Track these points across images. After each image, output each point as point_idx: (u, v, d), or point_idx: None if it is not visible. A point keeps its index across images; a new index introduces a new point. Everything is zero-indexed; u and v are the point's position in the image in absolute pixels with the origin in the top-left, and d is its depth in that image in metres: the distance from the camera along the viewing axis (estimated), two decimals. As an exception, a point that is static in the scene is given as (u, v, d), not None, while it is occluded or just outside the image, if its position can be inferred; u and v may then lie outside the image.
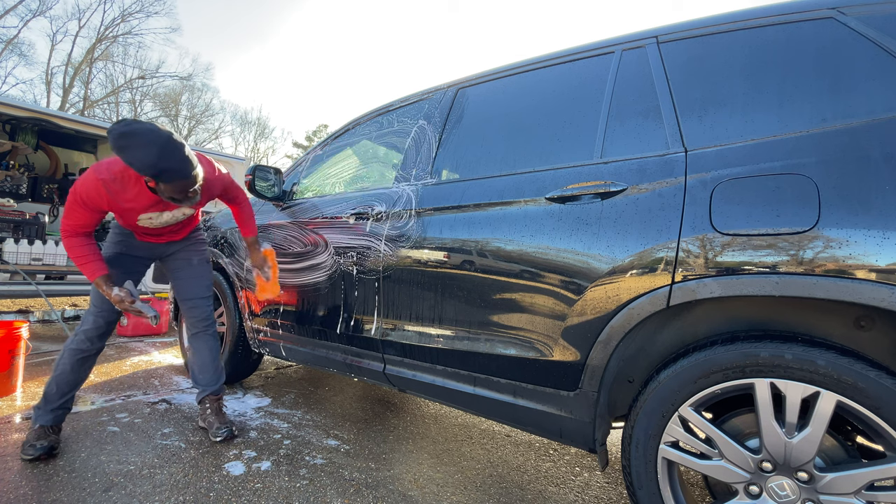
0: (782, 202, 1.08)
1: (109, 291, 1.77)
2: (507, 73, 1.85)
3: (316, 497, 1.64)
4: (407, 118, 2.15)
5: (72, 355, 1.89)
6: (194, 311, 2.16)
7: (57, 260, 4.00)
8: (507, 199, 1.56)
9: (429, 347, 1.73)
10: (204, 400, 2.16)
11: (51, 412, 1.88)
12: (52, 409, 1.88)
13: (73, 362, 1.89)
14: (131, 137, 1.50)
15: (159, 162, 1.52)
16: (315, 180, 2.57)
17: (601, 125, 1.48)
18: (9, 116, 4.26)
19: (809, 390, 1.03)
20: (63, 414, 1.92)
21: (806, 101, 1.15)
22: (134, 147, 1.51)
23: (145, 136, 1.51)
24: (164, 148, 1.53)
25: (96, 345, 1.93)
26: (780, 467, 1.08)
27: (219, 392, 2.17)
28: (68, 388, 1.91)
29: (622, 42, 1.55)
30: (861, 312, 1.11)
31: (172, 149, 1.55)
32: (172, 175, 1.57)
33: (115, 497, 1.55)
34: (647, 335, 1.37)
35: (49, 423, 1.87)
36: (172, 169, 1.56)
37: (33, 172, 5.33)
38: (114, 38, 24.10)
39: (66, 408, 1.93)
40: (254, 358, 2.81)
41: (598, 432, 1.37)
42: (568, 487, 1.84)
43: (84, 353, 1.91)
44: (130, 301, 1.78)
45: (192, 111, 28.63)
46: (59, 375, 1.89)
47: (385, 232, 1.89)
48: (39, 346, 3.40)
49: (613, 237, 1.30)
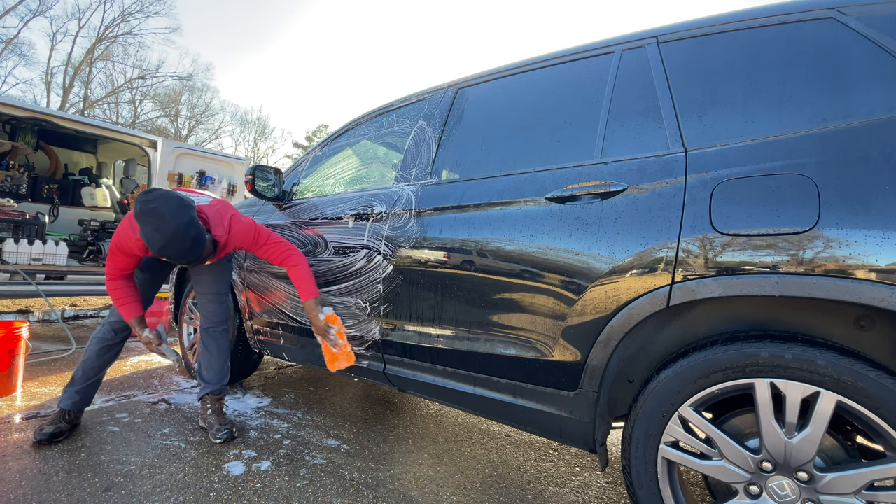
0: (782, 202, 1.08)
1: (141, 332, 2.00)
2: (507, 73, 1.85)
3: (316, 497, 1.64)
4: (407, 118, 2.15)
5: (97, 343, 2.08)
6: (210, 307, 2.19)
7: (57, 260, 4.00)
8: (507, 199, 1.56)
9: (429, 347, 1.73)
10: (205, 399, 2.16)
11: (73, 395, 2.03)
12: (75, 391, 2.03)
13: (98, 350, 2.07)
14: (149, 216, 1.69)
15: (163, 249, 1.71)
16: (315, 180, 2.57)
17: (601, 125, 1.48)
18: (9, 116, 4.25)
19: (809, 390, 1.03)
20: (82, 402, 2.06)
21: (806, 101, 1.15)
22: (147, 226, 1.69)
23: (159, 221, 1.68)
24: (170, 239, 1.69)
25: (120, 335, 2.11)
26: (780, 467, 1.08)
27: (220, 392, 2.17)
28: (92, 373, 2.07)
29: (622, 42, 1.55)
30: (861, 312, 1.11)
31: (178, 240, 1.71)
32: (173, 258, 1.76)
33: (115, 497, 1.55)
34: (647, 335, 1.37)
35: (68, 406, 2.01)
36: (173, 255, 1.74)
37: (33, 172, 5.32)
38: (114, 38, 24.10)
39: (87, 397, 2.08)
40: (254, 358, 2.81)
41: (598, 432, 1.37)
42: (568, 487, 1.84)
43: (108, 342, 2.08)
44: (157, 343, 2.03)
45: (192, 111, 28.64)
46: (86, 361, 2.07)
47: (385, 232, 1.89)
48: (39, 346, 3.40)
49: (613, 237, 1.30)
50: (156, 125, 26.59)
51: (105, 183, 5.80)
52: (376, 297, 1.89)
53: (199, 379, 2.20)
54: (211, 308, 2.19)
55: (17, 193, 4.85)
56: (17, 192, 4.87)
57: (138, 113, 25.98)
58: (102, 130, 4.59)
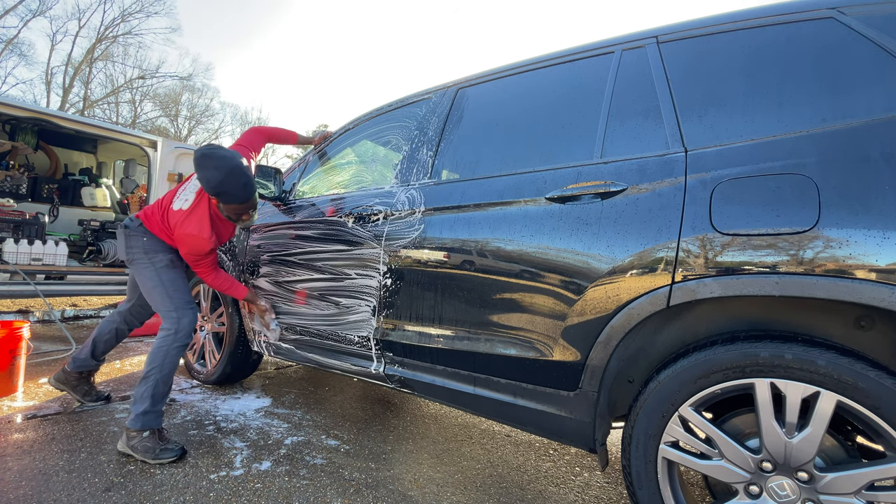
0: (782, 202, 1.08)
1: (259, 301, 2.29)
2: (508, 73, 1.85)
3: (316, 497, 1.64)
4: (407, 118, 2.15)
5: (179, 352, 1.96)
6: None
7: (57, 260, 4.00)
8: (507, 199, 1.56)
9: (429, 347, 1.73)
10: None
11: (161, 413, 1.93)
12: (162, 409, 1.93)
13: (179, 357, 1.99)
14: (208, 158, 1.83)
15: (222, 183, 1.84)
16: (315, 180, 2.57)
17: (601, 125, 1.48)
18: (9, 116, 4.25)
19: (809, 390, 1.03)
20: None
21: (806, 101, 1.15)
22: (206, 168, 1.83)
23: (218, 160, 1.84)
24: (228, 174, 1.84)
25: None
26: (780, 467, 1.08)
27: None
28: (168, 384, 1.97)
29: (622, 42, 1.55)
30: (861, 312, 1.11)
31: (236, 175, 1.86)
32: (229, 193, 1.88)
33: (115, 497, 1.55)
34: (647, 335, 1.37)
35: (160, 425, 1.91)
36: (230, 190, 1.87)
37: (33, 172, 5.32)
38: (114, 38, 24.10)
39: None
40: (254, 358, 2.81)
41: (598, 432, 1.37)
42: (568, 487, 1.84)
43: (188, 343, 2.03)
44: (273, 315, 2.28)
45: (192, 111, 28.64)
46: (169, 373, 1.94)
47: (385, 232, 1.89)
48: (39, 346, 3.40)
49: (613, 237, 1.30)
50: (156, 125, 26.59)
51: (105, 183, 5.80)
52: (376, 296, 1.89)
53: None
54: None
55: (17, 193, 4.85)
56: (17, 192, 4.87)
57: (138, 113, 26.01)
58: (102, 130, 4.58)
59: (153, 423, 1.86)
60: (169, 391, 1.95)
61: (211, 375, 2.73)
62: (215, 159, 1.84)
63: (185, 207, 2.01)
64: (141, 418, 1.83)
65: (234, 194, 1.88)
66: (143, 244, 2.04)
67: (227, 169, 1.84)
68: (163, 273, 2.02)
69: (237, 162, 1.87)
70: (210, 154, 1.84)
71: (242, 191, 1.90)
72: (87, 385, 2.33)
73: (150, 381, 1.88)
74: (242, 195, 1.91)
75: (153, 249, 2.04)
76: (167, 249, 2.07)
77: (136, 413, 1.84)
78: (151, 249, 2.04)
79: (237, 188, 1.87)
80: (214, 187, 1.85)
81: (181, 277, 2.08)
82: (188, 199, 2.04)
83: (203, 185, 1.87)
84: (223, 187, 1.85)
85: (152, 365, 1.90)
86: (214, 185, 1.84)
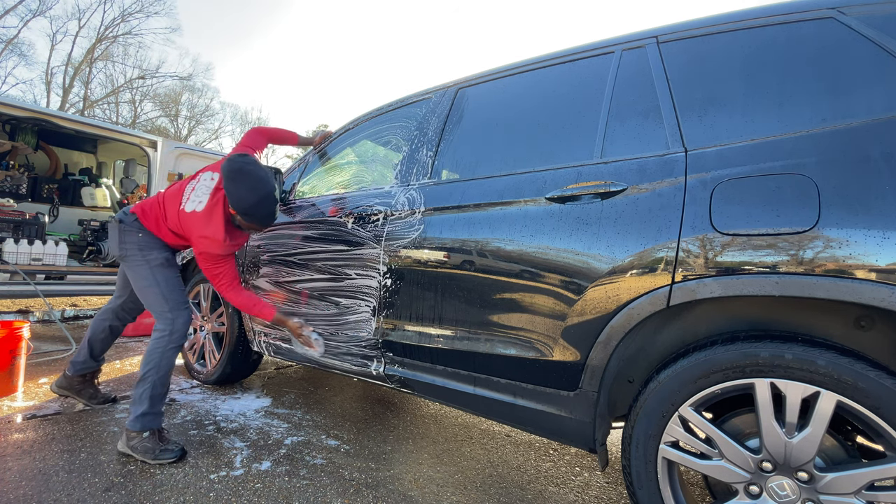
0: (782, 202, 1.08)
1: (289, 321, 2.07)
2: (508, 73, 1.85)
3: (316, 497, 1.64)
4: (407, 118, 2.15)
5: (175, 353, 1.95)
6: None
7: (57, 260, 4.00)
8: (507, 199, 1.56)
9: (429, 347, 1.73)
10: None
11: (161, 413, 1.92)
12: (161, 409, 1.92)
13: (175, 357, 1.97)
14: (246, 176, 1.83)
15: (254, 206, 1.83)
16: (315, 180, 2.57)
17: (601, 125, 1.48)
18: (9, 116, 4.25)
19: (809, 390, 1.03)
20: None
21: (806, 101, 1.15)
22: (240, 184, 1.81)
23: (256, 181, 1.83)
24: (262, 200, 1.84)
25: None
26: (780, 467, 1.08)
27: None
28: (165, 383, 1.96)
29: (622, 42, 1.55)
30: (861, 312, 1.11)
31: (269, 203, 1.86)
32: (256, 217, 1.87)
33: (114, 497, 1.55)
34: (647, 335, 1.37)
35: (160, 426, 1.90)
36: (259, 214, 1.86)
37: (33, 172, 5.32)
38: (114, 38, 24.10)
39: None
40: (254, 358, 2.81)
41: (598, 432, 1.37)
42: (568, 487, 1.84)
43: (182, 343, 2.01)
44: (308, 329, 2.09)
45: (192, 111, 28.64)
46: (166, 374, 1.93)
47: (385, 232, 1.89)
48: (39, 346, 3.40)
49: (613, 237, 1.30)
50: (156, 125, 26.58)
51: (105, 183, 5.79)
52: (376, 296, 1.89)
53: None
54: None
55: (17, 193, 4.85)
56: (17, 192, 4.87)
57: (138, 113, 26.00)
58: (102, 130, 4.58)
59: (152, 424, 1.86)
60: (167, 392, 1.94)
61: (211, 375, 2.73)
62: (252, 180, 1.82)
63: (199, 210, 1.95)
64: (140, 420, 1.83)
65: (259, 219, 1.88)
66: (138, 240, 1.99)
67: (262, 195, 1.83)
68: (158, 272, 1.98)
69: (271, 189, 1.86)
70: (247, 172, 1.83)
71: (268, 219, 1.90)
72: (91, 388, 2.33)
73: (148, 383, 1.87)
74: (266, 222, 1.91)
75: (148, 246, 1.99)
76: (163, 247, 2.03)
77: (135, 415, 1.84)
78: (147, 246, 1.99)
79: (264, 216, 1.88)
80: (244, 209, 1.83)
81: (176, 276, 2.05)
82: (202, 200, 1.97)
83: (231, 201, 1.84)
84: (252, 210, 1.84)
85: (149, 366, 1.89)
86: (245, 206, 1.82)
